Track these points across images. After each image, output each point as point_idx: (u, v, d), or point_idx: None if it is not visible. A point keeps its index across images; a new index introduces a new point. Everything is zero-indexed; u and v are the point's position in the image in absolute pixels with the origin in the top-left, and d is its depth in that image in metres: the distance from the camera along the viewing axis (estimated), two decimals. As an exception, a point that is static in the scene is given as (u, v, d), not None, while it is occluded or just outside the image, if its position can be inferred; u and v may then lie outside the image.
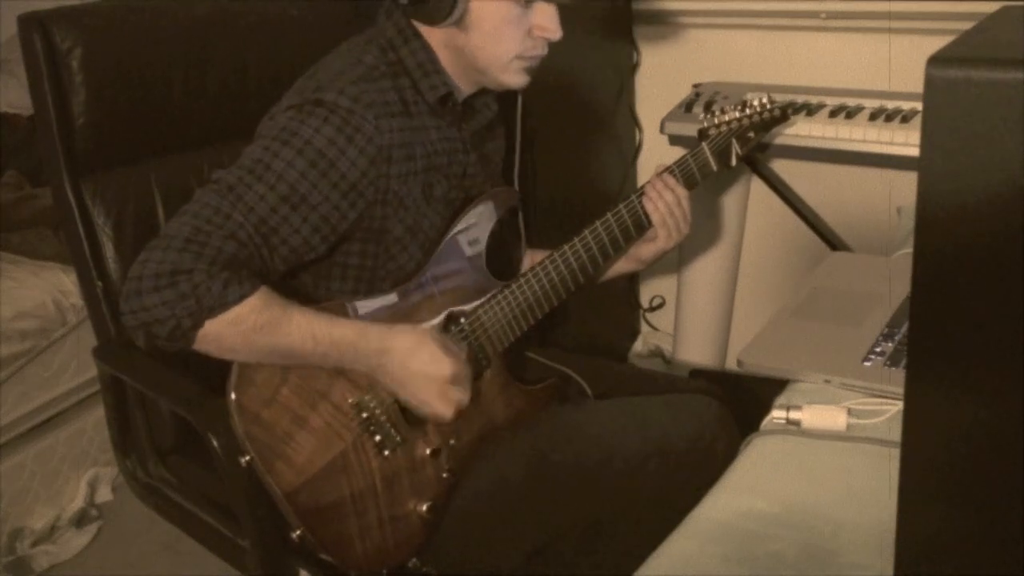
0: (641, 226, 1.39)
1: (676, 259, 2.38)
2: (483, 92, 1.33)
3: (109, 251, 1.45)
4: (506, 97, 1.36)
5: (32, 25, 1.37)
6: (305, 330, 1.14)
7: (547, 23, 1.22)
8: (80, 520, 2.26)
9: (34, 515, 2.22)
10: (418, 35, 1.24)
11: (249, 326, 1.12)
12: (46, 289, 2.24)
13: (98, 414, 2.23)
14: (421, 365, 1.18)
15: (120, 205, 1.46)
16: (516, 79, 1.26)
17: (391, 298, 1.25)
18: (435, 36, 1.24)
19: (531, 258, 1.48)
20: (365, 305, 1.23)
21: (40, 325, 2.19)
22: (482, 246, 1.32)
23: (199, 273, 1.09)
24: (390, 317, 1.24)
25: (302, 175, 1.15)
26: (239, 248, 1.13)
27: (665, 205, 1.38)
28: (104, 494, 2.35)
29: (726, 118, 1.49)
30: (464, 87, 1.29)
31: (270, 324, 1.13)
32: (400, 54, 1.24)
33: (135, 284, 1.10)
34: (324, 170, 1.15)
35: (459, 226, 1.29)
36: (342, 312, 1.21)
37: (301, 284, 1.29)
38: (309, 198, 1.15)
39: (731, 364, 2.39)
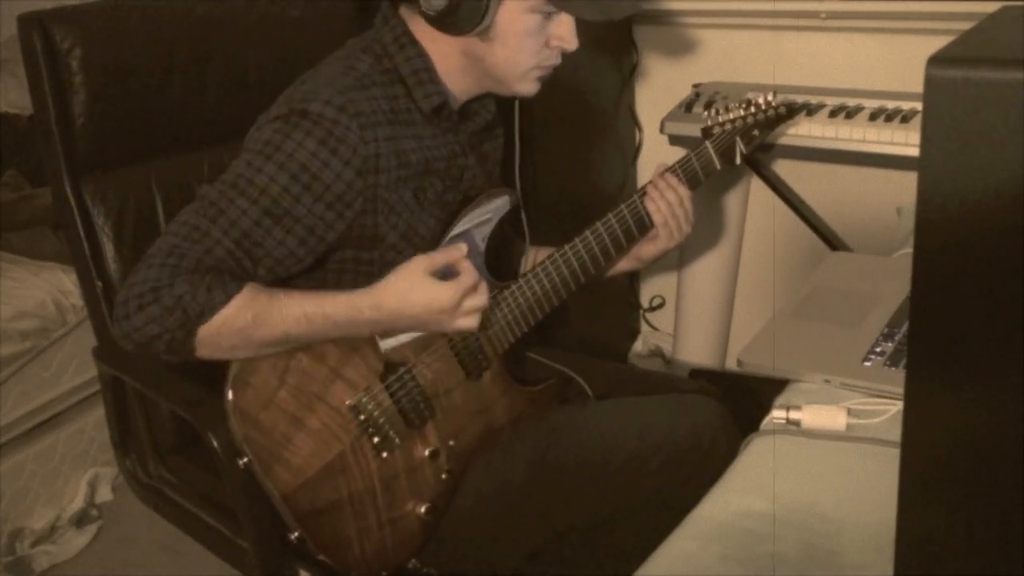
0: (643, 226, 1.38)
1: (676, 259, 2.37)
2: (480, 95, 1.32)
3: (109, 251, 1.45)
4: (504, 99, 1.36)
5: (32, 25, 1.37)
6: (297, 313, 1.14)
7: (565, 34, 1.22)
8: (80, 520, 2.25)
9: (34, 515, 2.22)
10: (415, 42, 1.24)
11: (241, 324, 1.12)
12: (46, 289, 2.24)
13: (98, 414, 2.23)
14: (422, 310, 1.16)
15: (120, 205, 1.47)
16: (530, 88, 1.27)
17: None
18: (448, 44, 1.23)
19: (535, 256, 1.47)
20: None
21: (40, 325, 2.19)
22: (482, 247, 1.32)
23: (180, 284, 1.10)
24: None
25: (284, 189, 1.15)
26: (218, 262, 1.13)
27: (667, 205, 1.37)
28: (104, 494, 2.35)
29: (730, 116, 1.48)
30: (461, 95, 1.29)
31: (261, 316, 1.13)
32: (395, 61, 1.23)
33: (122, 308, 1.11)
34: (307, 183, 1.15)
35: (458, 228, 1.28)
36: None
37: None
38: (292, 211, 1.15)
39: (731, 364, 2.39)
